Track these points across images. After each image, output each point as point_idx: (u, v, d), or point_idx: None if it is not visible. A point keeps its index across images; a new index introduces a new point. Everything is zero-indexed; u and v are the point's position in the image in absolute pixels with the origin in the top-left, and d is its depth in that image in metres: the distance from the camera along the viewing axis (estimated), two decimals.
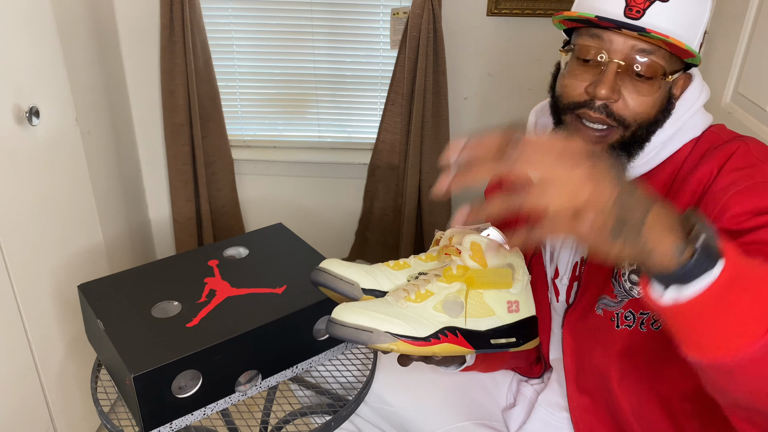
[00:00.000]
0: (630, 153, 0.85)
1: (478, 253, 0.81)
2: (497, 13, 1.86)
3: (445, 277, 0.81)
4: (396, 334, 0.76)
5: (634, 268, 0.87)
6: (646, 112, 0.82)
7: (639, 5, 0.79)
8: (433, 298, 0.80)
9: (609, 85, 0.80)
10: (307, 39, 1.98)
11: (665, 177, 0.86)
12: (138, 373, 0.81)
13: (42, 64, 1.37)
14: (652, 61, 0.80)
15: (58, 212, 1.46)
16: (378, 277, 0.88)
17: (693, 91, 0.87)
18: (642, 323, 0.88)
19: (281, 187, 2.19)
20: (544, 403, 1.04)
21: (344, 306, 0.78)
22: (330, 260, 0.90)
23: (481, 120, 2.04)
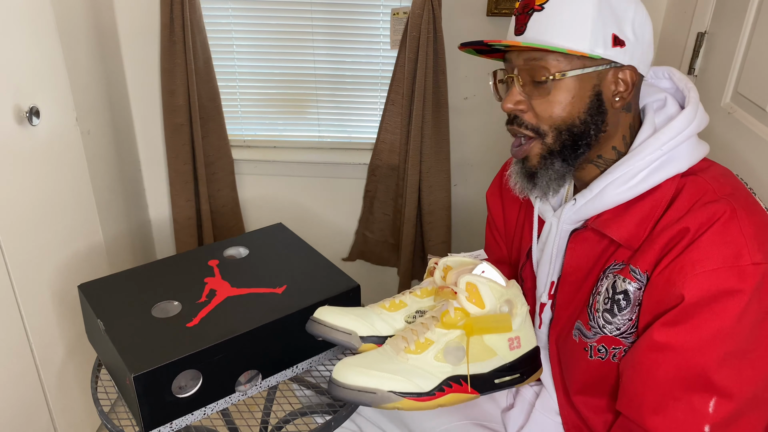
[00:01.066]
0: (565, 158, 0.86)
1: (475, 294, 0.80)
2: (497, 13, 1.86)
3: (443, 323, 0.80)
4: (400, 393, 0.75)
5: (607, 308, 0.87)
6: (556, 115, 0.84)
7: (521, 21, 0.85)
8: (433, 348, 0.78)
9: (511, 97, 0.85)
10: (307, 39, 1.98)
11: (644, 212, 0.84)
12: (138, 373, 0.81)
13: (42, 64, 1.37)
14: (540, 65, 0.83)
15: (58, 212, 1.46)
16: (374, 321, 0.87)
17: (681, 120, 0.84)
18: (614, 356, 0.89)
19: (281, 187, 2.19)
20: (541, 407, 1.04)
21: (344, 365, 0.78)
22: (323, 309, 0.90)
23: (481, 120, 2.04)
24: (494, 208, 1.13)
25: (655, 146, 0.83)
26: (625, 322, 0.86)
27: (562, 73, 0.82)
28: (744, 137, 1.30)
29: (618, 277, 0.86)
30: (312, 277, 1.04)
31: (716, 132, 1.38)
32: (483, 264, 0.84)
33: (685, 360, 0.77)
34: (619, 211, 0.86)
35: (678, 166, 0.84)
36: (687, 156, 0.84)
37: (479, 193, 2.16)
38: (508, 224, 1.10)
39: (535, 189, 0.89)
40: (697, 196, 0.81)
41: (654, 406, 0.80)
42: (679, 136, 0.84)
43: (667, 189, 0.84)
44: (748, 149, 1.29)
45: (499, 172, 1.13)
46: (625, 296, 0.85)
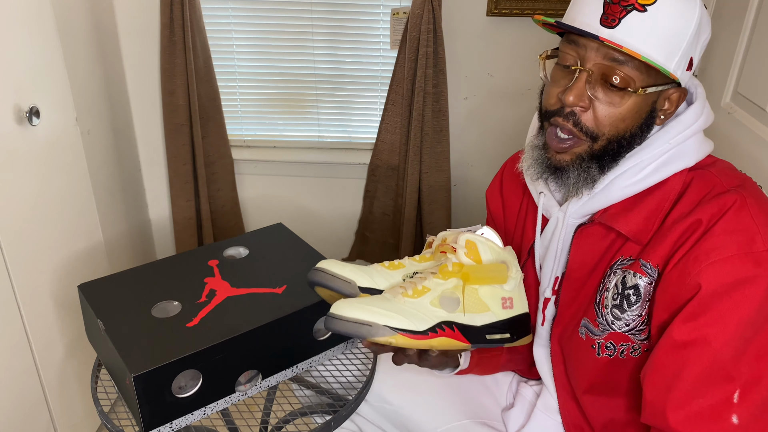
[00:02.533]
0: (602, 165, 0.84)
1: (473, 251, 0.82)
2: (497, 13, 1.86)
3: (441, 273, 0.82)
4: (395, 328, 0.77)
5: (616, 303, 0.87)
6: (615, 125, 0.81)
7: (615, 14, 0.77)
8: (429, 294, 0.80)
9: (576, 92, 0.80)
10: (307, 39, 1.98)
11: (652, 206, 0.84)
12: (138, 373, 0.81)
13: (42, 64, 1.37)
14: (625, 71, 0.78)
15: (58, 212, 1.46)
16: (374, 276, 0.88)
17: (690, 115, 0.84)
18: (622, 353, 0.88)
19: (281, 187, 2.19)
20: (542, 406, 1.04)
21: (343, 301, 0.79)
22: (326, 260, 0.90)
23: (481, 120, 2.04)
24: (494, 206, 1.12)
25: (664, 140, 0.83)
26: (634, 318, 0.85)
27: (644, 89, 0.79)
28: (744, 137, 1.30)
29: (628, 273, 0.85)
30: None
31: (716, 132, 1.38)
32: (483, 227, 0.86)
33: (709, 353, 0.77)
34: (627, 205, 0.86)
35: (686, 161, 0.84)
36: (694, 151, 0.84)
37: (479, 193, 2.16)
38: (508, 222, 1.10)
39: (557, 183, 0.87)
40: (706, 189, 0.82)
41: (677, 405, 0.79)
42: (687, 131, 0.83)
43: (675, 183, 0.84)
44: (748, 149, 1.29)
45: (499, 170, 1.13)
46: (636, 291, 0.84)
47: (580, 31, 0.78)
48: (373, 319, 0.77)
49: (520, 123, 2.03)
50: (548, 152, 0.87)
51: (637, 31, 0.77)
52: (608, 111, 0.80)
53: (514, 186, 1.07)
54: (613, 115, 0.80)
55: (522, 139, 2.10)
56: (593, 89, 0.80)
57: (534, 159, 0.89)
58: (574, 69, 0.81)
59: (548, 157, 0.87)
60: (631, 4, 0.76)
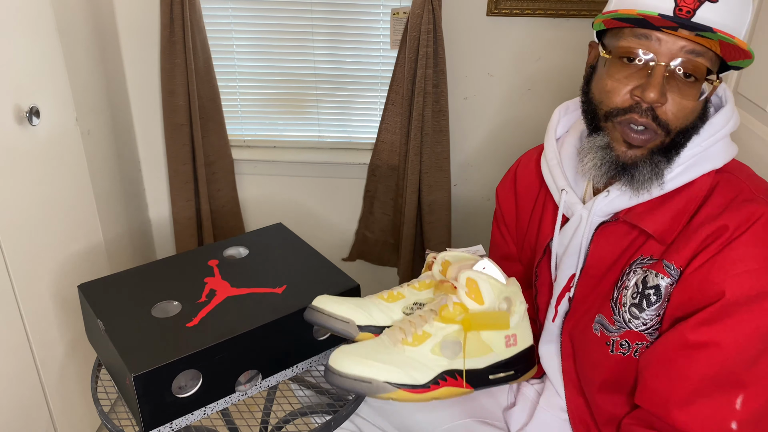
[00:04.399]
0: (669, 158, 0.83)
1: (474, 290, 0.80)
2: (497, 13, 1.86)
3: (441, 317, 0.80)
4: (395, 384, 0.75)
5: (635, 302, 0.86)
6: (687, 117, 0.81)
7: (689, 5, 0.76)
8: (430, 341, 0.78)
9: (659, 89, 0.77)
10: (307, 39, 1.98)
11: (679, 207, 0.84)
12: (138, 373, 0.81)
13: (42, 64, 1.37)
14: (700, 62, 0.78)
15: (58, 212, 1.46)
16: (372, 311, 0.87)
17: (720, 118, 0.85)
18: (636, 352, 0.88)
19: (281, 187, 2.19)
20: (546, 404, 1.04)
21: (341, 353, 0.78)
22: (322, 297, 0.89)
23: (481, 120, 2.04)
24: (505, 203, 1.10)
25: (694, 142, 0.83)
26: (652, 317, 0.85)
27: (718, 79, 0.79)
28: (744, 137, 1.30)
29: (650, 272, 0.85)
30: (312, 277, 1.04)
31: None
32: (484, 260, 0.83)
33: (719, 358, 0.78)
34: (653, 204, 0.85)
35: (714, 163, 0.84)
36: (722, 154, 0.84)
37: (479, 193, 2.16)
38: (521, 220, 1.08)
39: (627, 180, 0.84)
40: (733, 194, 0.82)
41: (681, 401, 0.80)
42: (717, 134, 0.84)
43: (702, 185, 0.84)
44: (749, 149, 1.29)
45: (512, 167, 1.11)
46: (656, 291, 0.84)
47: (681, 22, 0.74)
48: (373, 374, 0.75)
49: (520, 123, 2.03)
50: (616, 151, 0.84)
51: (714, 21, 0.76)
52: (684, 104, 0.79)
53: (528, 183, 1.06)
54: (688, 108, 0.80)
55: (522, 138, 2.10)
56: (669, 83, 0.78)
57: (601, 160, 0.85)
58: (647, 63, 0.79)
59: (617, 155, 0.84)
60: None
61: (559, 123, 1.00)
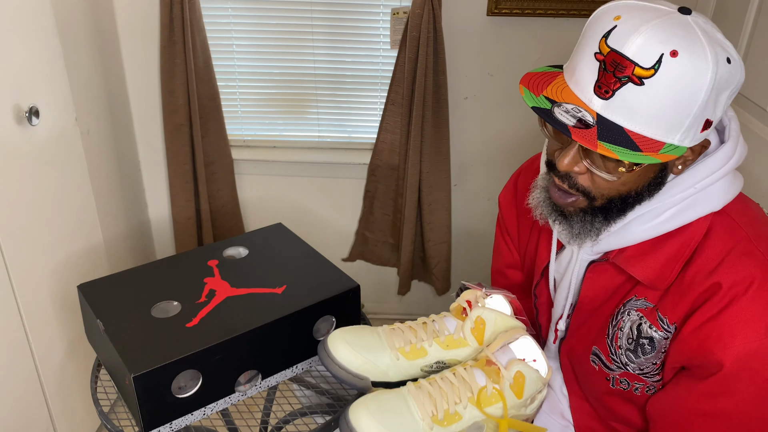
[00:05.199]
0: (607, 218, 0.79)
1: (519, 385, 0.77)
2: (497, 13, 1.86)
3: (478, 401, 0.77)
4: None
5: (631, 348, 0.85)
6: (615, 189, 0.76)
7: (609, 85, 0.69)
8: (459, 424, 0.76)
9: (569, 159, 0.74)
10: (307, 39, 1.98)
11: (671, 253, 0.79)
12: (138, 373, 0.81)
13: (42, 64, 1.37)
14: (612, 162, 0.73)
15: (58, 212, 1.46)
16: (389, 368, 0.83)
17: (720, 156, 0.77)
18: (636, 389, 0.88)
19: (281, 187, 2.19)
20: (547, 409, 1.04)
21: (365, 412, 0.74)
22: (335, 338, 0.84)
23: (481, 120, 2.04)
24: (507, 213, 1.08)
25: (688, 183, 0.77)
26: (649, 365, 0.84)
27: (639, 165, 0.72)
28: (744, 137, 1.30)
29: (644, 321, 0.82)
30: (312, 277, 1.04)
31: None
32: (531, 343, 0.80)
33: (732, 426, 0.77)
34: (644, 248, 0.80)
35: (711, 206, 0.77)
36: (722, 194, 0.78)
37: (479, 193, 2.16)
38: (522, 233, 1.06)
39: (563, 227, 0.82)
40: (730, 244, 0.76)
41: None
42: (716, 174, 0.77)
43: (698, 229, 0.78)
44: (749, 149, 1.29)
45: (513, 176, 1.09)
46: (651, 342, 0.82)
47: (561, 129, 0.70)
48: None
49: (520, 123, 2.03)
50: (552, 197, 0.83)
51: (634, 107, 0.69)
52: (605, 178, 0.75)
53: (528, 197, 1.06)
54: (611, 183, 0.75)
55: (522, 138, 2.10)
56: (587, 157, 0.75)
57: (544, 201, 0.84)
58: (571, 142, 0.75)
59: (555, 200, 0.82)
60: (627, 75, 0.68)
61: None
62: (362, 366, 0.82)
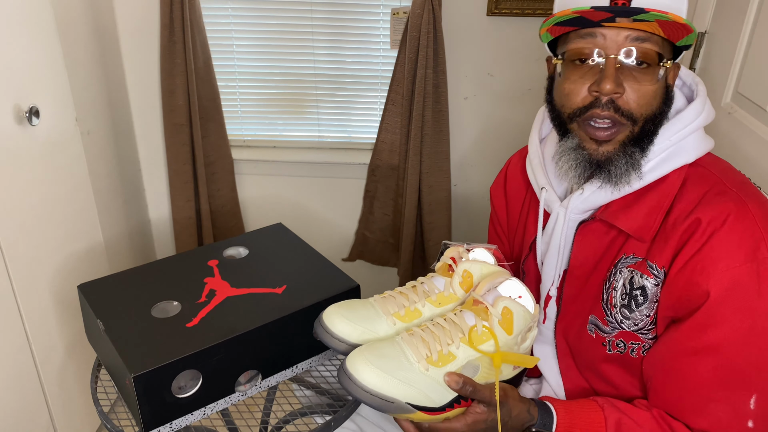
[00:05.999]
0: (642, 148, 0.83)
1: (508, 320, 0.79)
2: (497, 13, 1.86)
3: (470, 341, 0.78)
4: (416, 406, 0.75)
5: (625, 303, 0.87)
6: (649, 103, 0.81)
7: None
8: (454, 363, 0.78)
9: (612, 79, 0.78)
10: (307, 39, 1.98)
11: (653, 203, 0.84)
12: (138, 373, 0.81)
13: (42, 64, 1.37)
14: (648, 48, 0.79)
15: (58, 212, 1.46)
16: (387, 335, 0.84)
17: (690, 111, 0.85)
18: (632, 351, 0.89)
19: (281, 187, 2.19)
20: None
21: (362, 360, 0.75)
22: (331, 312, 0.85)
23: (481, 120, 2.04)
24: (498, 202, 1.12)
25: (664, 137, 0.83)
26: (642, 318, 0.86)
27: (671, 60, 0.81)
28: (744, 137, 1.30)
29: (635, 273, 0.86)
30: (312, 277, 1.04)
31: (717, 131, 1.38)
32: (517, 283, 0.82)
33: (722, 361, 0.78)
34: (628, 201, 0.86)
35: (685, 158, 0.84)
36: (694, 148, 0.85)
37: (479, 193, 2.16)
38: (511, 218, 1.09)
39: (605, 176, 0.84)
40: (706, 187, 0.82)
41: (694, 409, 0.81)
42: (687, 128, 0.84)
43: (675, 179, 0.84)
44: (749, 149, 1.29)
45: (503, 167, 1.12)
46: (643, 292, 0.85)
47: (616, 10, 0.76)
48: (396, 395, 0.74)
49: (520, 123, 2.03)
50: (587, 150, 0.84)
51: (646, 4, 0.76)
52: (642, 91, 0.80)
53: (517, 183, 1.07)
54: (648, 94, 0.80)
55: (522, 138, 2.10)
56: (624, 73, 0.79)
57: (575, 160, 0.85)
58: (598, 60, 0.80)
59: (589, 154, 0.84)
60: None
61: (543, 123, 1.01)
62: (361, 336, 0.83)
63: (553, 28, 0.83)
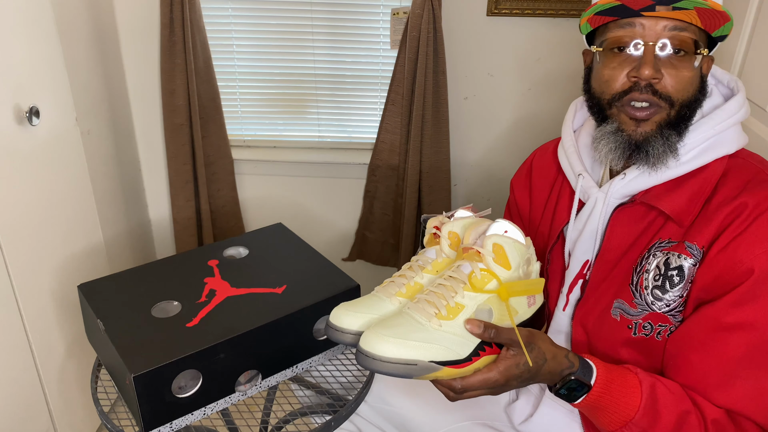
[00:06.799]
0: (679, 132, 0.86)
1: (502, 256, 0.78)
2: (497, 13, 1.86)
3: (472, 286, 0.77)
4: (440, 362, 0.73)
5: (658, 284, 0.88)
6: (686, 89, 0.85)
7: None
8: (465, 312, 0.76)
9: (651, 65, 0.82)
10: (307, 39, 1.98)
11: (695, 188, 0.87)
12: (138, 373, 0.81)
13: (42, 64, 1.37)
14: (685, 36, 0.82)
15: (58, 212, 1.46)
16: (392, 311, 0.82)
17: (733, 104, 0.88)
18: (659, 333, 0.89)
19: (281, 187, 2.19)
20: (550, 397, 1.04)
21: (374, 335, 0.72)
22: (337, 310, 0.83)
23: (481, 120, 2.04)
24: (520, 194, 1.13)
25: (708, 126, 0.87)
26: (675, 298, 0.87)
27: (707, 50, 0.84)
28: None
29: (672, 254, 0.87)
30: (312, 277, 1.04)
31: None
32: (501, 222, 0.82)
33: (755, 338, 0.79)
34: (670, 186, 0.88)
35: (727, 148, 0.87)
36: (735, 139, 0.88)
37: (479, 193, 2.16)
38: (535, 210, 1.10)
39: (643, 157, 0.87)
40: (749, 176, 0.85)
41: (719, 384, 0.82)
42: (730, 119, 0.87)
43: (716, 168, 0.87)
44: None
45: (527, 160, 1.14)
46: (680, 272, 0.86)
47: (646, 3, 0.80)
48: (417, 356, 0.71)
49: (520, 123, 2.03)
50: (626, 131, 0.88)
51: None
52: (679, 76, 0.84)
53: (543, 174, 1.09)
54: (684, 79, 0.84)
55: (523, 138, 2.10)
56: (661, 60, 0.83)
57: (615, 143, 0.89)
58: (637, 48, 0.84)
59: (629, 135, 0.88)
60: None
61: (576, 115, 1.05)
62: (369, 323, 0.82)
63: (593, 17, 0.87)
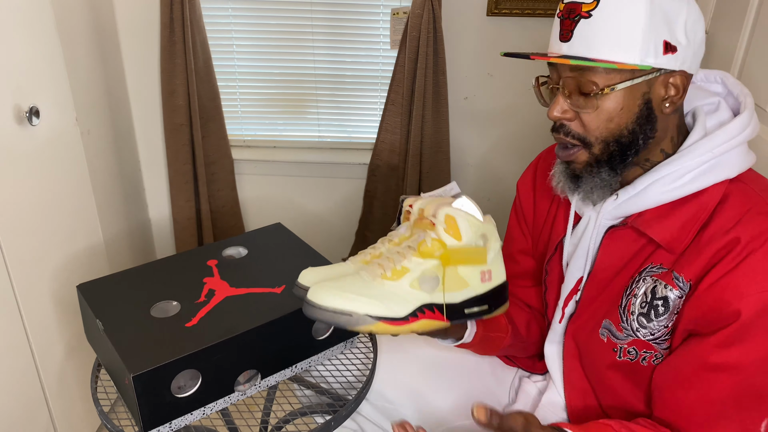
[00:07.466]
0: (612, 167, 0.85)
1: (453, 226, 0.81)
2: (497, 13, 1.86)
3: (420, 252, 0.80)
4: (375, 316, 0.76)
5: (644, 312, 0.86)
6: (603, 126, 0.83)
7: (567, 27, 0.81)
8: (409, 275, 0.79)
9: (556, 107, 0.84)
10: (307, 39, 1.98)
11: (689, 215, 0.82)
12: (137, 373, 0.81)
13: (42, 64, 1.37)
14: (588, 79, 0.81)
15: (58, 212, 1.46)
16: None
17: (736, 124, 0.83)
18: (643, 359, 0.88)
19: (281, 187, 2.19)
20: (547, 403, 1.04)
21: (320, 287, 0.77)
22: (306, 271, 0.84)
23: (481, 120, 2.04)
24: (525, 197, 1.12)
25: (706, 148, 0.82)
26: (660, 328, 0.85)
27: (611, 87, 0.80)
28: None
29: (659, 282, 0.84)
30: None
31: None
32: (461, 198, 0.84)
33: (741, 380, 0.77)
34: (663, 211, 0.84)
35: (727, 172, 0.82)
36: (737, 162, 0.82)
37: (479, 194, 2.16)
38: (538, 215, 1.09)
39: (578, 192, 0.89)
40: (747, 206, 0.79)
41: (704, 423, 0.80)
42: (732, 141, 0.82)
43: (714, 194, 0.82)
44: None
45: (532, 162, 1.12)
46: (665, 303, 0.84)
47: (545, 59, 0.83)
48: (354, 307, 0.75)
49: (520, 123, 2.03)
50: (563, 163, 0.91)
51: (590, 38, 0.79)
52: (589, 116, 0.82)
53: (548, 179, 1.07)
54: (597, 118, 0.82)
55: (522, 138, 2.10)
56: (570, 100, 0.83)
57: (561, 173, 0.92)
58: (552, 87, 0.86)
59: (567, 168, 0.90)
60: (578, 14, 0.80)
61: None
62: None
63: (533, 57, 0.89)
